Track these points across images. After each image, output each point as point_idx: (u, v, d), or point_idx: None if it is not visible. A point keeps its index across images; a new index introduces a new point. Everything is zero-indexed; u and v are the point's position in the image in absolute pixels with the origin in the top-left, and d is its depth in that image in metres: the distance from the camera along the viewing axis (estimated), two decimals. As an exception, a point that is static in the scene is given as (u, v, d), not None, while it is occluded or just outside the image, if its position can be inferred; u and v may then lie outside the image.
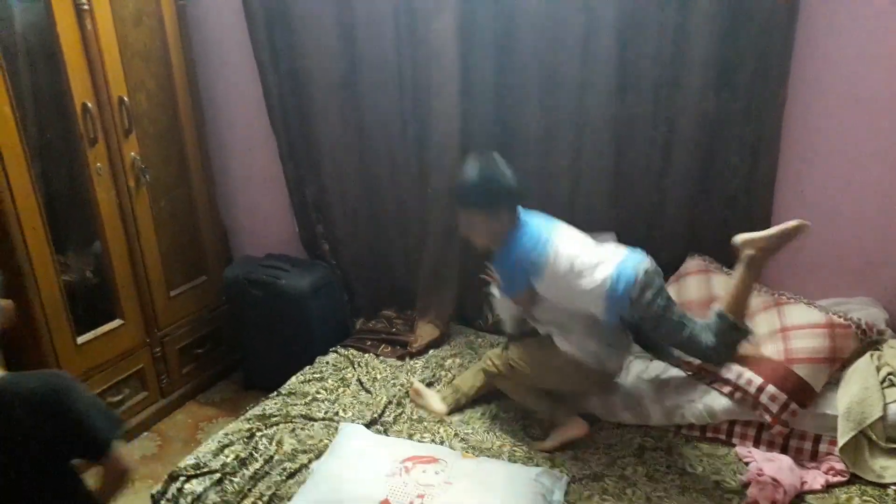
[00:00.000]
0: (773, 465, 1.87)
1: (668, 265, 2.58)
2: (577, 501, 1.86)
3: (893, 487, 1.85)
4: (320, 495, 1.83)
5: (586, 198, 2.62)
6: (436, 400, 2.35)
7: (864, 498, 1.83)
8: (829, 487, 1.87)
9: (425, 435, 2.22)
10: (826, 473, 1.90)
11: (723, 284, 2.29)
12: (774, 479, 1.80)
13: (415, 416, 2.33)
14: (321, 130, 2.94)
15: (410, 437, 2.20)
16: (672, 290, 2.29)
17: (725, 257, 2.49)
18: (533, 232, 2.04)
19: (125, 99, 2.67)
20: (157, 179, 2.90)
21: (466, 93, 2.62)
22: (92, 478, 1.66)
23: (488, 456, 2.07)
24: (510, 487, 1.81)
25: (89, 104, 2.55)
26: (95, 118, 2.58)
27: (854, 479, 1.90)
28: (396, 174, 2.91)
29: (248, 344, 3.16)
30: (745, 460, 1.98)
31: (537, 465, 2.01)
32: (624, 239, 2.60)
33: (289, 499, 1.92)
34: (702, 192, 2.47)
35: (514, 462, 2.04)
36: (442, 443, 2.16)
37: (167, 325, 3.04)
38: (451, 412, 2.33)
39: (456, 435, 2.22)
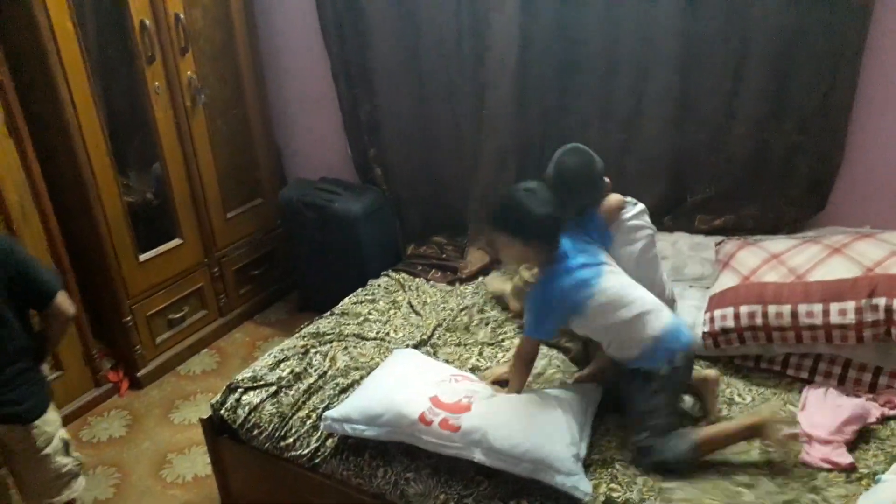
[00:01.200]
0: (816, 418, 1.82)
1: (731, 192, 2.51)
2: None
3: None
4: (370, 397, 1.89)
5: (649, 120, 2.53)
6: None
7: (923, 431, 1.79)
8: (884, 420, 1.83)
9: (478, 360, 2.24)
10: (883, 406, 1.86)
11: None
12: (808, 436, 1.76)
13: (464, 342, 2.35)
14: (375, 50, 2.88)
15: (462, 361, 2.22)
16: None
17: (792, 189, 2.40)
18: (575, 270, 1.80)
19: (181, 16, 2.66)
20: (213, 99, 2.92)
21: (527, 7, 2.52)
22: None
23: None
24: (556, 399, 1.84)
25: (147, 21, 2.55)
26: (153, 35, 2.59)
27: (914, 412, 1.85)
28: (452, 95, 2.85)
29: (302, 266, 3.22)
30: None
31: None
32: (684, 165, 2.54)
33: (340, 412, 1.98)
34: (773, 114, 2.34)
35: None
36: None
37: (224, 246, 3.12)
38: None
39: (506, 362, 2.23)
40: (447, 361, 2.20)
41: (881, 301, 1.88)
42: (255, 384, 2.12)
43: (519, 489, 1.69)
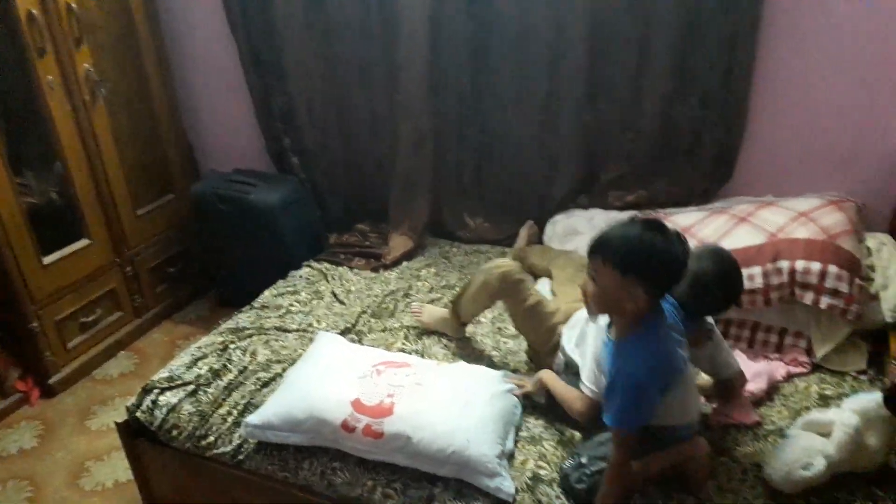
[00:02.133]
0: None
1: (642, 168, 2.58)
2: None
3: (852, 373, 1.91)
4: (292, 397, 1.85)
5: (561, 100, 2.56)
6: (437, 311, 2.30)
7: (823, 385, 1.89)
8: (790, 377, 1.92)
9: (404, 343, 2.23)
10: (789, 365, 1.95)
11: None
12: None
13: (389, 327, 2.33)
14: (283, 35, 2.81)
15: (388, 346, 2.21)
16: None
17: (700, 161, 2.48)
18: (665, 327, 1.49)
19: (73, 6, 2.52)
20: (114, 93, 2.78)
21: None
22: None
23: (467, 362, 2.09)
24: (482, 388, 1.83)
25: (34, 11, 2.41)
26: (42, 27, 2.44)
27: (814, 369, 1.95)
28: (365, 79, 2.81)
29: (221, 261, 3.14)
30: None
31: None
32: (597, 143, 2.59)
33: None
34: (678, 90, 2.41)
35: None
36: (418, 353, 2.17)
37: (137, 245, 3.00)
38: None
39: (435, 344, 2.23)
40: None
41: (784, 264, 1.97)
42: (172, 384, 2.04)
43: (445, 470, 1.69)
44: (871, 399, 1.51)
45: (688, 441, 1.57)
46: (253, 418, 1.85)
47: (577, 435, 1.77)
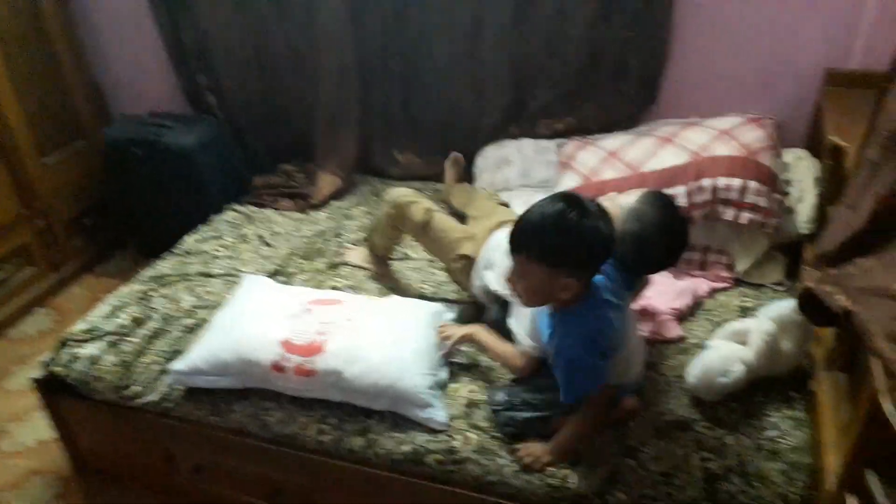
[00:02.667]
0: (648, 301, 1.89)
1: (570, 94, 2.55)
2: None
3: (770, 286, 1.98)
4: (219, 340, 1.80)
5: (487, 27, 2.49)
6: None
7: (744, 298, 1.95)
8: (713, 293, 1.98)
9: (335, 282, 2.19)
10: (712, 281, 2.00)
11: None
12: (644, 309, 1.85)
13: (320, 267, 2.28)
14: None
15: (319, 286, 2.16)
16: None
17: (625, 86, 2.47)
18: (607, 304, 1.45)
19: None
20: (6, 33, 2.57)
21: None
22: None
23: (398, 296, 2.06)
24: (413, 320, 1.82)
25: None
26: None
27: (736, 284, 2.01)
28: (283, 11, 2.66)
29: (141, 209, 2.99)
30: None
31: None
32: (524, 70, 2.55)
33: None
34: (602, 13, 2.37)
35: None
36: (352, 290, 2.13)
37: (47, 196, 2.82)
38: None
39: (368, 281, 2.19)
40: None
41: (707, 182, 2.00)
42: (91, 336, 1.96)
43: (378, 402, 1.69)
44: (786, 306, 1.56)
45: (629, 397, 1.59)
46: (179, 364, 1.79)
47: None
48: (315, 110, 2.78)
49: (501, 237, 1.81)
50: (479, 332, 1.73)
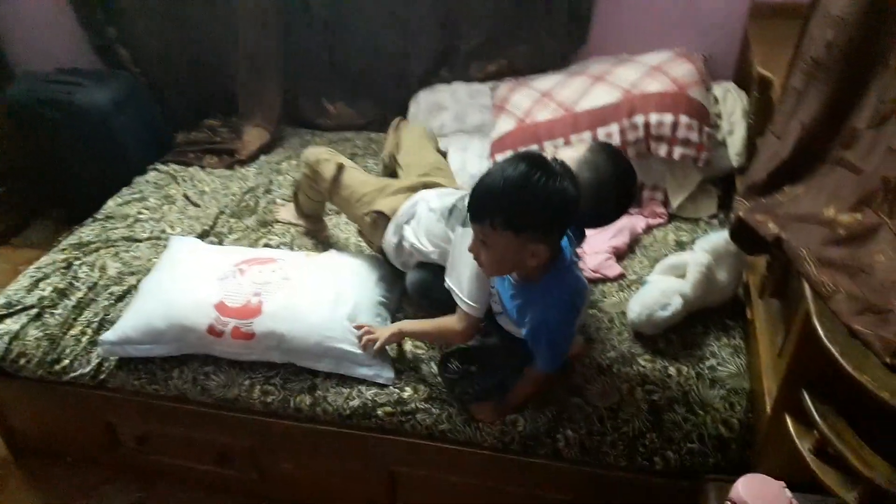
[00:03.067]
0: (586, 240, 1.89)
1: (501, 35, 2.49)
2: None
3: (704, 219, 2.02)
4: (149, 307, 1.73)
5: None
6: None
7: (679, 232, 1.99)
8: (649, 229, 2.01)
9: (269, 240, 2.11)
10: (647, 217, 2.03)
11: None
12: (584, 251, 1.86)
13: (252, 225, 2.20)
14: None
15: (252, 245, 2.09)
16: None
17: (556, 25, 2.42)
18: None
19: None
20: None
21: None
22: None
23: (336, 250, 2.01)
24: (354, 275, 1.79)
25: None
26: None
27: (671, 219, 2.05)
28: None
29: (57, 174, 2.81)
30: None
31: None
32: (454, 13, 2.47)
33: (121, 321, 1.81)
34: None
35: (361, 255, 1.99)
36: (286, 247, 2.07)
37: (-51, 163, 2.63)
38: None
39: (302, 237, 2.13)
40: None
41: (639, 119, 2.00)
42: (11, 310, 1.86)
43: (323, 359, 1.66)
44: (720, 237, 1.60)
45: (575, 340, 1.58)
46: (108, 335, 1.71)
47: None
48: (236, 60, 2.65)
49: (429, 194, 1.77)
50: (405, 325, 1.64)
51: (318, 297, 1.69)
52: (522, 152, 1.39)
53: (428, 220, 1.67)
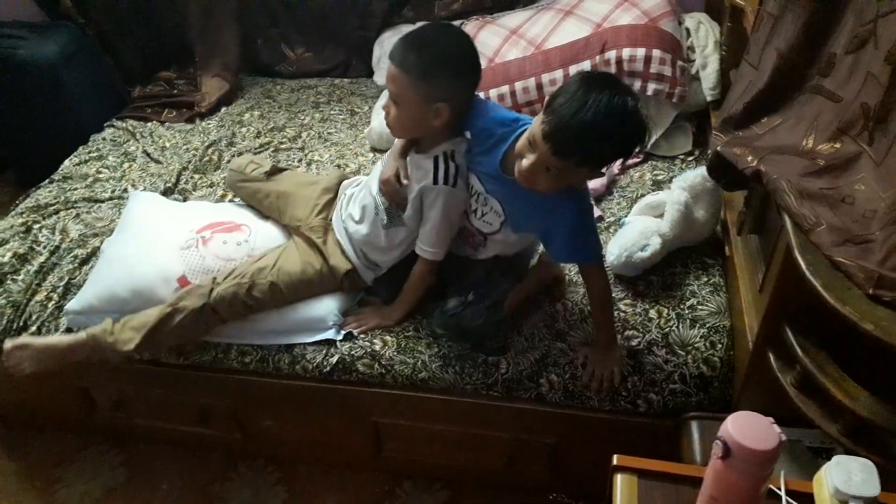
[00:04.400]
0: None
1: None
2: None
3: (680, 156, 1.99)
4: (112, 275, 1.66)
5: None
6: None
7: (655, 171, 1.96)
8: (625, 170, 1.98)
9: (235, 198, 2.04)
10: (623, 156, 2.00)
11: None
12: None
13: (216, 181, 2.12)
14: None
15: (216, 200, 2.02)
16: None
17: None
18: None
19: None
20: None
21: None
22: None
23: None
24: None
25: None
26: None
27: (646, 158, 2.02)
28: None
29: (6, 136, 2.68)
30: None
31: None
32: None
33: (87, 286, 1.75)
34: None
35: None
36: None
37: None
38: None
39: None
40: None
41: (612, 54, 1.95)
42: (-30, 279, 1.79)
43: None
44: (697, 174, 1.58)
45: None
46: (73, 304, 1.66)
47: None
48: (188, 5, 2.52)
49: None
50: (388, 313, 1.60)
51: None
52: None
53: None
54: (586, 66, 1.97)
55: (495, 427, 1.58)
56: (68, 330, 1.68)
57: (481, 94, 1.99)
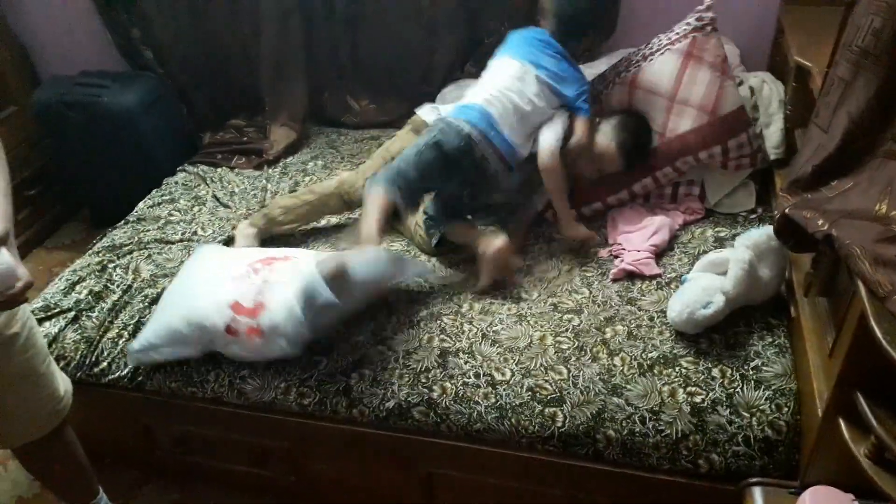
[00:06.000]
0: (627, 237, 1.91)
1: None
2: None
3: (742, 214, 1.98)
4: (169, 314, 1.72)
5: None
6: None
7: (717, 228, 1.94)
8: (686, 225, 1.97)
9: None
10: (684, 213, 1.99)
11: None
12: (623, 249, 1.87)
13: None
14: None
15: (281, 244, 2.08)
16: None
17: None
18: None
19: None
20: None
21: None
22: None
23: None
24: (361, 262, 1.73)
25: None
26: None
27: (708, 214, 2.01)
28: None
29: (87, 177, 2.84)
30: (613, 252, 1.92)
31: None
32: (475, 1, 2.43)
33: (156, 324, 1.82)
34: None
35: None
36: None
37: (-19, 168, 2.65)
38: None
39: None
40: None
41: (689, 159, 1.96)
42: (49, 313, 1.88)
43: (358, 360, 1.65)
44: (762, 233, 1.56)
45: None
46: (134, 344, 1.71)
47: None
48: (259, 59, 2.65)
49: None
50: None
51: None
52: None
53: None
54: (667, 170, 1.99)
55: (551, 484, 1.56)
56: (137, 365, 1.74)
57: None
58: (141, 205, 2.35)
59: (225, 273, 1.74)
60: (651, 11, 2.37)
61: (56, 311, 1.88)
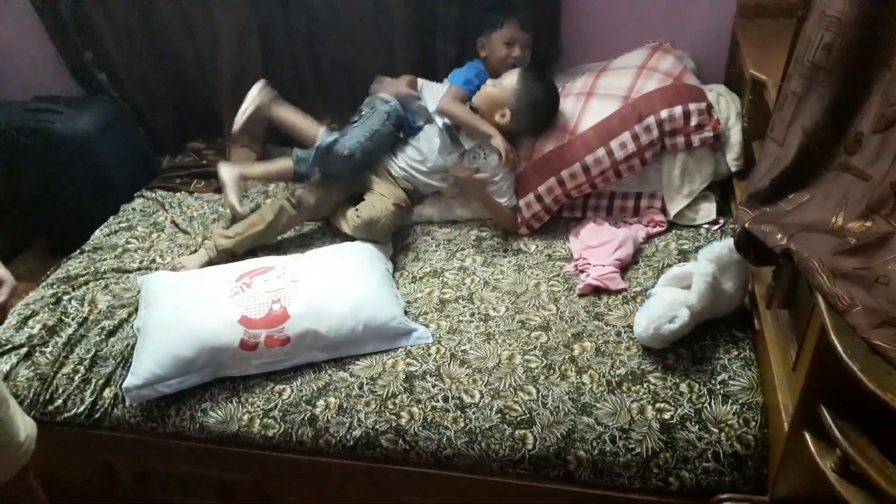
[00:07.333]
0: (592, 251, 1.91)
1: (475, 45, 2.46)
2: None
3: (705, 226, 1.99)
4: (170, 342, 1.64)
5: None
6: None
7: (680, 241, 1.95)
8: (649, 238, 1.98)
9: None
10: (647, 226, 2.00)
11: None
12: (588, 264, 1.87)
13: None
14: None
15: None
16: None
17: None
18: None
19: None
20: None
21: None
22: None
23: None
24: (353, 261, 1.86)
25: None
26: None
27: (671, 227, 2.01)
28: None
29: (41, 205, 2.76)
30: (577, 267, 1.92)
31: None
32: (429, 18, 2.41)
33: (112, 357, 1.76)
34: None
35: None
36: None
37: (-71, 199, 2.57)
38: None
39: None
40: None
41: (650, 120, 1.96)
42: (0, 350, 1.80)
43: (323, 387, 1.62)
44: (724, 246, 1.57)
45: None
46: (132, 380, 1.63)
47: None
48: (218, 79, 2.60)
49: None
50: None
51: (334, 289, 1.73)
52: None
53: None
54: (626, 137, 1.97)
55: (524, 508, 1.54)
56: (94, 401, 1.68)
57: (531, 195, 2.06)
58: (97, 233, 2.29)
59: (213, 294, 1.72)
60: (597, 29, 2.37)
61: (7, 347, 1.81)
